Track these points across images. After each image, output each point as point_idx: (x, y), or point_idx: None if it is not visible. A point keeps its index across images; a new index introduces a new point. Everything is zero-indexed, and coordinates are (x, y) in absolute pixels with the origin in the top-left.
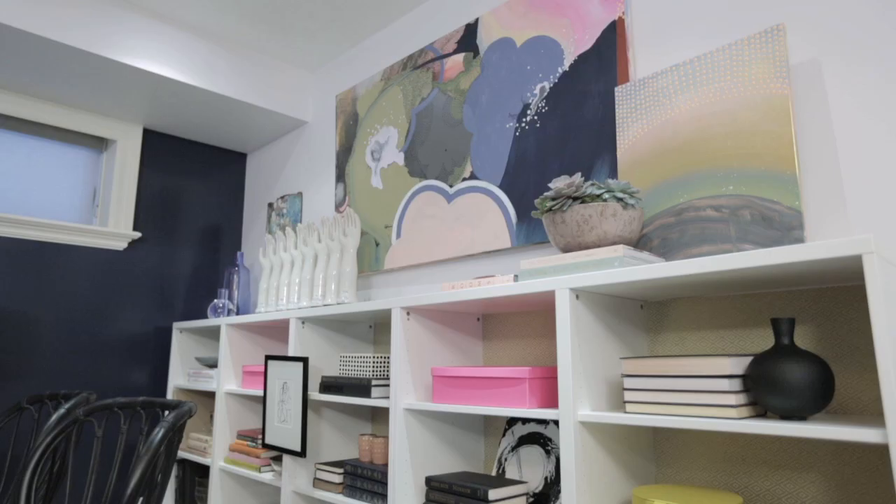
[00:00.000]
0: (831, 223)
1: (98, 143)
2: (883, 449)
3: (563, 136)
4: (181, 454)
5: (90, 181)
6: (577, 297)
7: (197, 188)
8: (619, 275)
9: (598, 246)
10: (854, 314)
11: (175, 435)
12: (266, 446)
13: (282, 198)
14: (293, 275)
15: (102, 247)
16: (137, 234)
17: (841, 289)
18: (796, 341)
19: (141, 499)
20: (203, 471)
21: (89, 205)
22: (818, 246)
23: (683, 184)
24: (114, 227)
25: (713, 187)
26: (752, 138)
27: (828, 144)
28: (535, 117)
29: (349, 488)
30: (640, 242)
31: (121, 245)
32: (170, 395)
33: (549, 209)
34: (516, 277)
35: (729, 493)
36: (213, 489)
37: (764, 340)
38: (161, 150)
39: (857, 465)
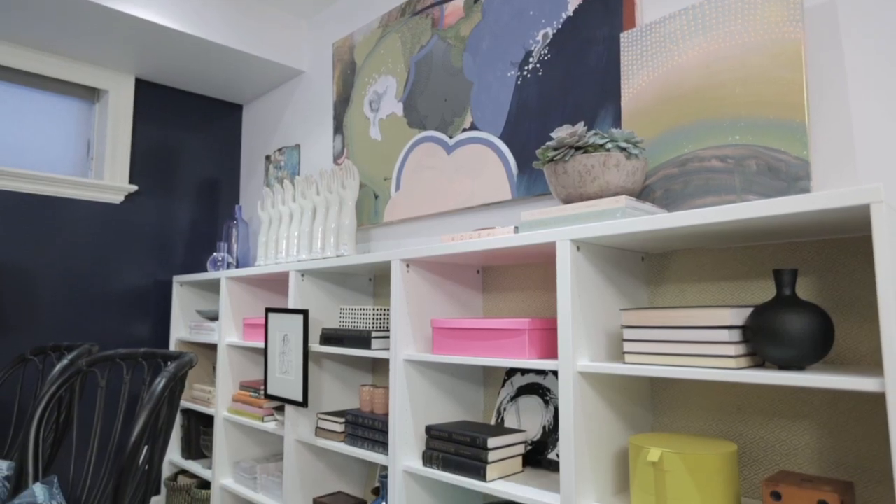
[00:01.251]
0: (839, 174)
1: (90, 94)
2: (878, 398)
3: (565, 85)
4: (186, 404)
5: (83, 133)
6: (578, 248)
7: (193, 141)
8: (621, 226)
9: (601, 197)
10: (857, 265)
11: (177, 384)
12: (268, 397)
13: (279, 150)
14: (292, 228)
15: (99, 200)
16: (134, 188)
17: (845, 240)
18: (797, 293)
19: (146, 447)
20: (208, 420)
21: (84, 157)
22: (826, 195)
23: (688, 133)
24: (109, 180)
25: (719, 137)
26: (761, 85)
27: (840, 92)
28: (538, 65)
29: (350, 437)
30: (642, 194)
31: (117, 198)
32: (172, 348)
33: (551, 159)
34: (517, 229)
35: (724, 441)
36: (218, 438)
37: (764, 292)
38: (155, 101)
39: (850, 413)
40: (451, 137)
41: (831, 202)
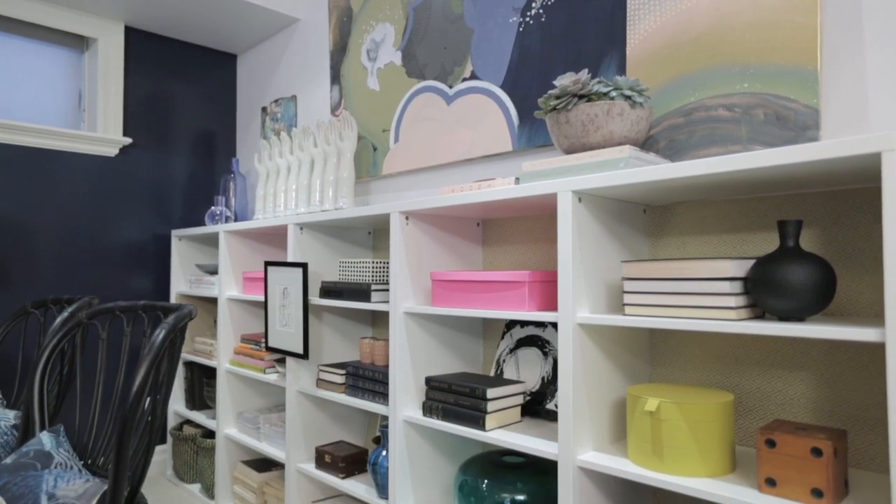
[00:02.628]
0: (849, 124)
1: (78, 43)
2: (875, 349)
3: (569, 32)
4: (188, 357)
5: (74, 84)
6: (580, 200)
7: (187, 92)
8: (624, 176)
9: (603, 147)
10: (862, 217)
11: (177, 336)
12: (269, 349)
13: (275, 101)
14: (290, 181)
15: (93, 153)
16: (128, 140)
17: (852, 192)
18: (801, 244)
19: (148, 399)
20: (210, 372)
21: (75, 109)
22: (836, 143)
23: (695, 81)
24: (103, 132)
25: (727, 85)
26: (773, 30)
27: (855, 39)
28: (541, 10)
29: (351, 388)
30: (646, 144)
31: (112, 151)
32: (173, 301)
33: (553, 108)
34: (517, 180)
35: (721, 391)
36: (221, 389)
37: (766, 244)
38: (146, 50)
39: (847, 364)
40: (450, 87)
41: (841, 150)
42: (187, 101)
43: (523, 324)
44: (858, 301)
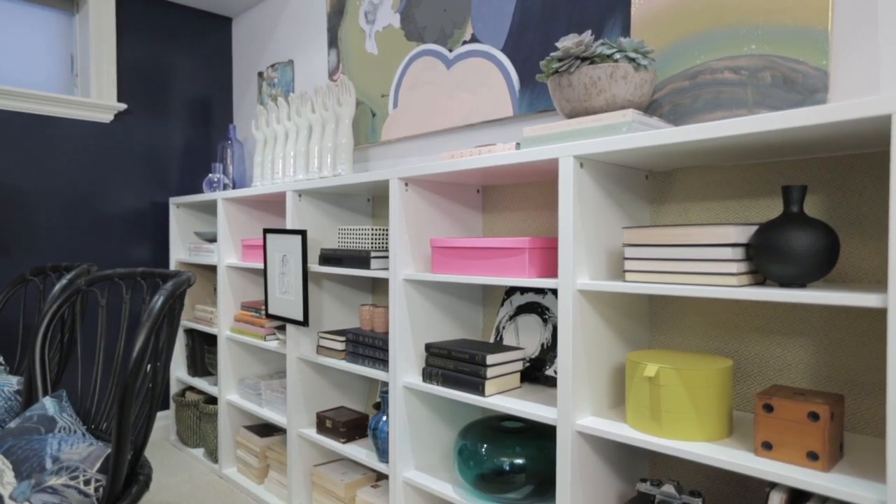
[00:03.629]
0: (859, 87)
1: (68, 5)
2: (875, 315)
3: None
4: (189, 324)
5: (65, 48)
6: (581, 165)
7: (181, 56)
8: (627, 141)
9: (606, 111)
10: (868, 182)
11: (176, 302)
12: (269, 316)
13: (272, 66)
14: (287, 147)
15: (87, 119)
16: (123, 106)
17: (858, 156)
18: (805, 210)
19: (149, 365)
20: (211, 340)
21: (68, 74)
22: (846, 106)
23: (701, 43)
24: (97, 97)
25: (734, 47)
26: None
27: None
28: None
29: (351, 355)
30: (649, 108)
31: (106, 117)
32: (172, 269)
33: (556, 71)
34: (518, 145)
35: (719, 357)
36: (222, 356)
37: (769, 210)
38: (138, 12)
39: (846, 330)
40: (450, 51)
41: (849, 113)
42: (182, 66)
43: (523, 291)
44: (861, 268)
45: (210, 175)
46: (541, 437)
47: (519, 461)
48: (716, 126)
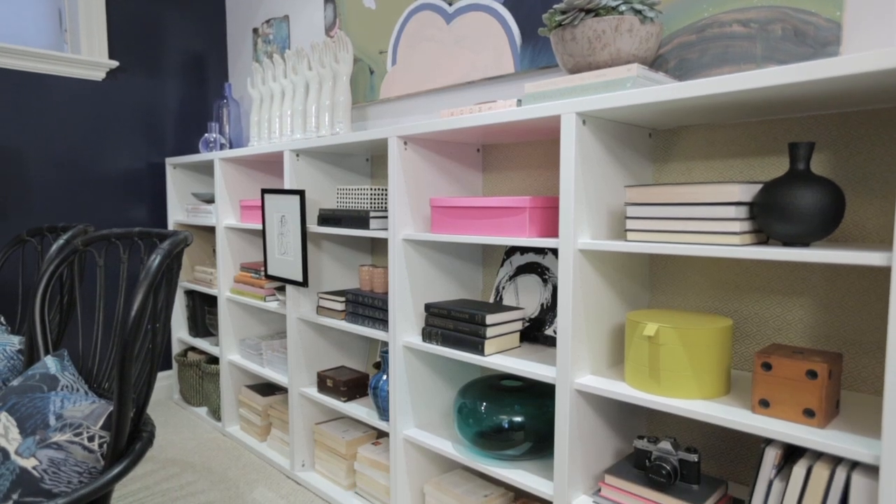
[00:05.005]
0: (873, 40)
1: None
2: (877, 273)
3: None
4: (189, 286)
5: (53, 2)
6: (584, 122)
7: (173, 11)
8: (632, 97)
9: (611, 66)
10: (877, 140)
11: (173, 262)
12: (269, 277)
13: (267, 22)
14: (284, 106)
15: (79, 77)
16: (115, 64)
17: (868, 112)
18: (811, 168)
19: (149, 325)
20: (212, 301)
21: (56, 30)
22: (857, 58)
23: None
24: (87, 54)
25: None
26: None
27: None
28: None
29: (351, 315)
30: (654, 63)
31: (98, 75)
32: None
33: (559, 24)
34: (519, 102)
35: (719, 317)
36: (223, 317)
37: (774, 169)
38: None
39: (847, 289)
40: (450, 4)
41: (865, 65)
42: (174, 22)
43: (523, 251)
44: (865, 226)
45: (206, 135)
46: (539, 396)
47: (518, 419)
48: (724, 80)
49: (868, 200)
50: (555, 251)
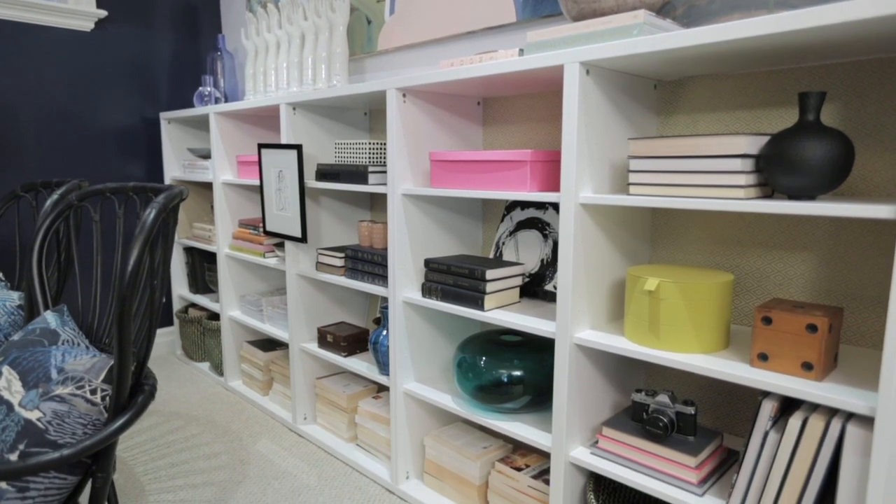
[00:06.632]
0: None
1: None
2: (881, 227)
3: None
4: (188, 242)
5: None
6: (588, 72)
7: None
8: (637, 45)
9: (616, 13)
10: (891, 89)
11: (169, 216)
12: (268, 233)
13: None
14: (280, 58)
15: (66, 27)
16: (103, 13)
17: (883, 61)
18: (821, 120)
19: (144, 281)
20: (211, 257)
21: None
22: (879, 0)
23: None
24: (74, 3)
25: None
26: None
27: None
28: None
29: (350, 271)
30: (661, 10)
31: (87, 25)
32: None
33: None
34: (521, 52)
35: (720, 272)
36: (222, 274)
37: (782, 122)
38: None
39: (851, 244)
40: None
41: (884, 8)
42: None
43: (524, 206)
44: (872, 179)
45: (200, 88)
46: (539, 351)
47: (517, 373)
48: (734, 27)
49: (878, 153)
50: (556, 206)
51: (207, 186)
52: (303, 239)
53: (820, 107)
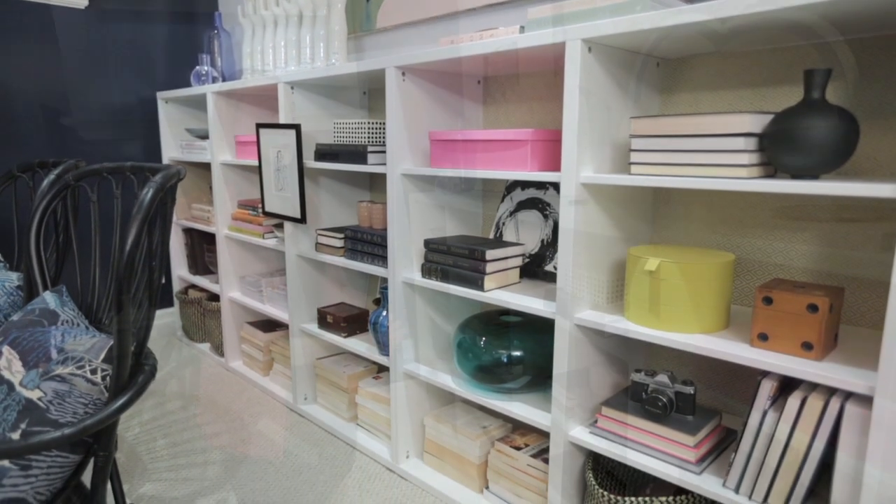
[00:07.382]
0: None
1: None
2: (884, 206)
3: None
4: (187, 224)
5: None
6: (590, 49)
7: None
8: (640, 21)
9: None
10: None
11: (167, 196)
12: (267, 214)
13: None
14: (277, 36)
15: (60, 4)
16: None
17: (889, 38)
18: (827, 98)
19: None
20: (210, 238)
21: None
22: None
23: None
24: None
25: None
26: None
27: None
28: None
29: (350, 251)
30: None
31: (81, 2)
32: None
33: None
34: (522, 29)
35: (721, 252)
36: (222, 255)
37: (786, 100)
38: None
39: (853, 223)
40: None
41: None
42: None
43: (524, 186)
44: (876, 158)
45: (197, 67)
46: (539, 331)
47: (517, 353)
48: (740, 1)
49: (883, 132)
50: (556, 186)
51: (206, 167)
52: (302, 219)
53: (825, 84)
